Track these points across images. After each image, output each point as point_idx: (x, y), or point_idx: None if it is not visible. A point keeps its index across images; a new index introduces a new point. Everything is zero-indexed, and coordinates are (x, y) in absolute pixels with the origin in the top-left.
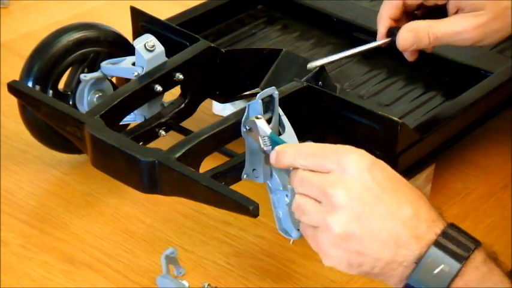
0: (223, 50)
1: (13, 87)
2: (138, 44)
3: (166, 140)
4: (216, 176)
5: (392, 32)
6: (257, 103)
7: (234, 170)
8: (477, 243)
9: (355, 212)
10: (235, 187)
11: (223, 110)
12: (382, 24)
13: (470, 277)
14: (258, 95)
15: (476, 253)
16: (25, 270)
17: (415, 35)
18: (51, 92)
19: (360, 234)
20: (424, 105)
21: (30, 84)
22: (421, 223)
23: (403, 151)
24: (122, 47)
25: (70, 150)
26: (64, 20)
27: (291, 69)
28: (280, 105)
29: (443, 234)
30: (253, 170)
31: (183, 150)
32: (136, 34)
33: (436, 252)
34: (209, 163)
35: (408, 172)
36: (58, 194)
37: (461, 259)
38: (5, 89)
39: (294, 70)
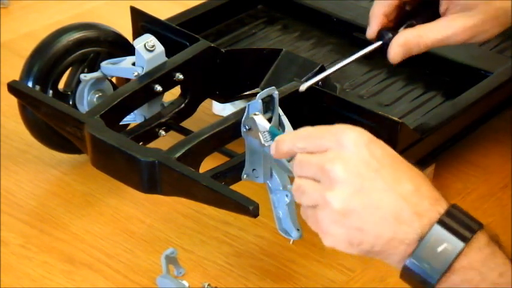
0: (223, 50)
1: (13, 87)
2: (138, 44)
3: (166, 140)
4: (216, 176)
5: (381, 35)
6: (257, 103)
7: (234, 170)
8: (480, 225)
9: (354, 187)
10: (235, 187)
11: (223, 110)
12: (375, 22)
13: (473, 257)
14: (258, 95)
15: (479, 234)
16: (25, 270)
17: (405, 49)
18: (51, 92)
19: (359, 210)
20: (424, 105)
21: (30, 84)
22: (423, 200)
23: (403, 151)
24: (122, 47)
25: (70, 150)
26: (64, 20)
27: (291, 69)
28: (280, 105)
29: (447, 213)
30: (253, 170)
31: (183, 150)
32: (136, 34)
33: (439, 230)
34: (209, 163)
35: None
36: (58, 194)
37: (465, 239)
38: (5, 89)
39: (294, 70)
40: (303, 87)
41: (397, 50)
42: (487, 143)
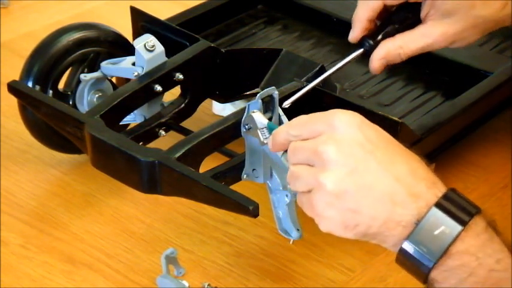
0: (223, 50)
1: (13, 87)
2: (138, 44)
3: (166, 140)
4: (216, 176)
5: (363, 43)
6: (257, 103)
7: (234, 170)
8: (478, 209)
9: (347, 168)
10: (235, 187)
11: (223, 110)
12: (358, 27)
13: (470, 242)
14: (258, 95)
15: (477, 219)
16: (25, 270)
17: (386, 61)
18: (51, 92)
19: (353, 191)
20: (424, 105)
21: (30, 84)
22: (419, 182)
23: None
24: (122, 47)
25: (70, 150)
26: (64, 20)
27: (291, 69)
28: (280, 105)
29: (445, 196)
30: (253, 170)
31: (183, 150)
32: (136, 34)
33: (437, 213)
34: (209, 163)
35: None
36: (58, 194)
37: (463, 222)
38: (5, 89)
39: (294, 70)
40: (287, 103)
41: (378, 63)
42: (487, 143)
